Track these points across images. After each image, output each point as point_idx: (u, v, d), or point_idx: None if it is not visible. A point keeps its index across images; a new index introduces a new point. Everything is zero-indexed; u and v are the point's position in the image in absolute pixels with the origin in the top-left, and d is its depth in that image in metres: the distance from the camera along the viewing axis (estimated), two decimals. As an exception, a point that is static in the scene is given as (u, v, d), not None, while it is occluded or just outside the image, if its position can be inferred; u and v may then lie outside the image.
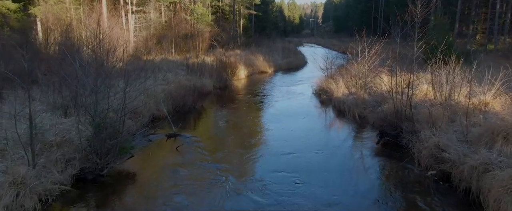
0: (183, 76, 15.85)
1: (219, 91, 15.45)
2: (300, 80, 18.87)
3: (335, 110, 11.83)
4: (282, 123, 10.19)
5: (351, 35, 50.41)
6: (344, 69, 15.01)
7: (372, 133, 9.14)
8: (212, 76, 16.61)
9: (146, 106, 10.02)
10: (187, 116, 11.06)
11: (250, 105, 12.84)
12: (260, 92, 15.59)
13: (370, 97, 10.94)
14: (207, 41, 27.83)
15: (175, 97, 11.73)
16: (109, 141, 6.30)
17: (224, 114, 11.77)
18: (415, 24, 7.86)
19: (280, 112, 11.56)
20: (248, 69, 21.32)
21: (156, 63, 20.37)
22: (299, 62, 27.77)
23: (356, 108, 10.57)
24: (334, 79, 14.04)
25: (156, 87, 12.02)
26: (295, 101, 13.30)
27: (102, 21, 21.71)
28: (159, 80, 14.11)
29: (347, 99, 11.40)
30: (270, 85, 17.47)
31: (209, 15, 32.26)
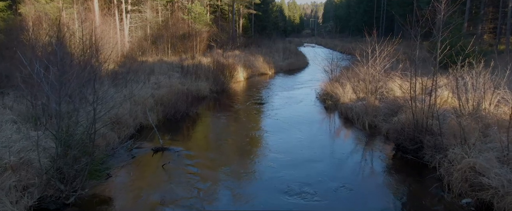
0: (177, 79, 14.81)
1: (215, 95, 14.38)
2: (302, 83, 17.80)
3: (342, 117, 10.77)
4: (284, 133, 9.12)
5: (353, 35, 49.25)
6: (350, 72, 13.95)
7: (386, 146, 8.08)
8: (209, 79, 15.56)
9: (131, 114, 8.96)
10: (179, 125, 10.00)
11: (249, 112, 11.78)
12: (260, 97, 14.53)
13: (382, 104, 9.88)
14: (205, 41, 26.78)
15: (166, 103, 10.68)
16: (78, 163, 5.24)
17: (220, 123, 10.70)
18: (438, 23, 6.79)
19: (282, 119, 10.50)
20: (247, 71, 20.27)
21: (151, 64, 19.38)
22: (300, 63, 26.70)
23: (366, 116, 9.50)
24: (340, 83, 12.98)
25: (145, 92, 10.95)
26: (298, 107, 12.22)
27: (93, 20, 20.73)
28: (150, 83, 13.05)
29: (356, 106, 10.34)
30: (271, 88, 16.40)
31: (208, 15, 31.21)
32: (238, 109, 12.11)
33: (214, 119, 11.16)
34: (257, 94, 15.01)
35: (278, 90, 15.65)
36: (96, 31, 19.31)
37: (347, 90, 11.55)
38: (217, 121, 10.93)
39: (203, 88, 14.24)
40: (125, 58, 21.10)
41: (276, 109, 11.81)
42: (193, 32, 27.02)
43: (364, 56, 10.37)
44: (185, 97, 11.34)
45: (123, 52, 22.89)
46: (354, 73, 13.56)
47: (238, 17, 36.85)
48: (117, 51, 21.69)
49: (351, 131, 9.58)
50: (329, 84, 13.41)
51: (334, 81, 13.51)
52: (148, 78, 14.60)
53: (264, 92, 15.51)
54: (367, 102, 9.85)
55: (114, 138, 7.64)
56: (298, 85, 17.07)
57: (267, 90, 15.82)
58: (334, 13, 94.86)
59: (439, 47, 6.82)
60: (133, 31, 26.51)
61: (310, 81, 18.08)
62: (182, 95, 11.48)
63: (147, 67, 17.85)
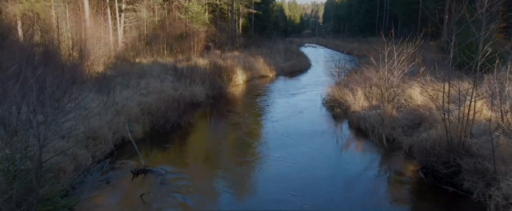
0: (170, 83, 13.57)
1: (212, 101, 13.13)
2: (306, 87, 16.55)
3: (353, 128, 9.51)
4: (288, 149, 7.87)
5: (355, 35, 47.94)
6: (359, 75, 12.71)
7: (410, 166, 6.84)
8: (205, 82, 14.31)
9: (111, 126, 7.71)
10: (168, 137, 8.75)
11: (248, 121, 10.54)
12: (260, 103, 13.28)
13: (400, 113, 8.63)
14: (203, 42, 25.55)
15: (154, 112, 9.43)
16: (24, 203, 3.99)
17: (215, 135, 9.44)
18: (483, 18, 5.55)
19: (285, 132, 9.25)
20: (247, 73, 19.02)
21: (144, 66, 18.17)
22: (302, 64, 25.44)
23: (383, 128, 8.25)
24: (349, 88, 11.74)
25: (132, 99, 9.71)
26: (303, 116, 10.96)
27: (83, 19, 19.52)
28: (139, 88, 11.81)
29: (369, 115, 9.10)
30: (272, 93, 15.14)
31: (206, 14, 29.97)
32: (236, 118, 10.86)
33: (209, 131, 9.91)
34: (257, 100, 13.77)
35: (280, 95, 14.40)
36: (86, 31, 18.15)
37: (358, 96, 10.31)
38: (211, 132, 9.68)
39: (198, 93, 12.99)
40: (117, 59, 19.88)
41: (278, 119, 10.55)
42: (190, 32, 25.80)
43: (379, 59, 9.11)
44: (177, 105, 10.10)
45: (116, 53, 21.69)
46: (364, 77, 12.34)
47: (238, 17, 35.62)
48: (110, 51, 20.49)
49: (365, 146, 8.34)
50: (336, 89, 12.16)
51: (342, 86, 12.27)
52: (139, 82, 13.39)
53: (265, 97, 14.26)
54: (383, 112, 8.61)
55: (87, 158, 6.40)
56: (302, 89, 15.82)
57: (268, 95, 14.57)
58: (335, 13, 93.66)
59: (481, 48, 5.56)
60: (127, 31, 25.29)
61: (314, 85, 16.84)
62: (173, 102, 10.24)
63: (140, 69, 16.67)
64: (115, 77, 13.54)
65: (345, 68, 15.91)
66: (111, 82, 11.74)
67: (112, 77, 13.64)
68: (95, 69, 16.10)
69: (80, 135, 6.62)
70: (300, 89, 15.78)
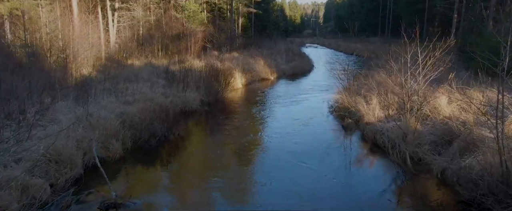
0: (161, 88, 12.31)
1: (207, 108, 11.84)
2: (310, 92, 15.25)
3: (368, 143, 8.22)
4: (293, 172, 6.59)
5: (356, 35, 46.68)
6: (370, 80, 11.44)
7: (444, 195, 5.56)
8: (200, 87, 13.04)
9: (81, 145, 6.42)
10: (152, 155, 7.46)
11: (246, 133, 9.25)
12: (261, 110, 12.00)
13: (425, 127, 7.34)
14: (200, 42, 24.29)
15: (138, 124, 8.14)
16: None
17: (208, 151, 8.13)
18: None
19: (288, 147, 7.98)
20: (246, 76, 17.74)
21: (136, 69, 16.91)
22: (305, 66, 24.14)
23: (406, 145, 6.96)
24: (360, 94, 10.47)
25: (113, 109, 8.43)
26: (308, 127, 9.65)
27: (71, 19, 18.26)
28: (126, 95, 10.54)
29: (387, 128, 7.81)
30: (273, 98, 13.83)
31: (204, 13, 28.71)
32: (233, 130, 9.56)
33: (200, 146, 8.60)
34: (257, 107, 12.48)
35: (282, 102, 13.09)
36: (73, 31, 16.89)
37: (373, 105, 9.02)
38: (203, 149, 8.37)
39: (191, 100, 11.71)
40: (108, 61, 18.63)
41: (281, 131, 9.25)
42: (187, 32, 24.55)
43: (403, 64, 7.80)
44: (165, 115, 8.81)
45: (108, 54, 20.45)
46: (375, 81, 11.06)
47: (237, 16, 34.36)
48: (100, 53, 19.23)
49: (385, 166, 7.05)
50: (345, 95, 10.87)
51: (352, 92, 10.98)
52: (127, 86, 12.13)
53: (266, 104, 12.96)
54: (405, 124, 7.32)
55: (44, 189, 5.11)
56: (306, 94, 14.51)
57: (269, 102, 13.26)
58: (336, 13, 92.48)
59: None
60: (122, 31, 24.03)
61: (319, 89, 15.56)
62: (161, 111, 8.94)
63: (130, 72, 15.41)
64: (101, 82, 12.29)
65: (353, 71, 14.62)
66: (93, 88, 10.49)
67: (98, 81, 12.40)
68: (81, 72, 14.87)
69: (37, 160, 5.34)
70: (304, 94, 14.48)
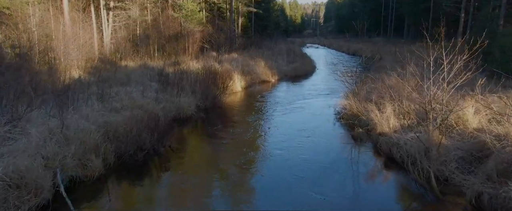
0: (153, 92, 11.38)
1: (203, 115, 10.91)
2: (313, 95, 14.31)
3: (382, 156, 7.29)
4: (296, 193, 5.67)
5: (358, 35, 46.04)
6: (380, 84, 10.52)
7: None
8: (196, 91, 12.13)
9: (50, 164, 5.49)
10: (137, 172, 6.53)
11: (246, 145, 8.32)
12: (261, 117, 11.08)
13: (451, 141, 6.40)
14: (198, 43, 23.36)
15: (123, 136, 7.21)
16: None
17: (201, 167, 7.20)
18: None
19: (292, 161, 7.06)
20: (246, 78, 16.81)
21: (130, 71, 16.00)
22: (307, 67, 23.21)
23: (429, 161, 6.03)
24: (370, 100, 9.54)
25: (95, 119, 7.50)
26: (315, 138, 8.68)
27: (62, 18, 17.38)
28: (114, 101, 9.61)
29: (405, 140, 6.88)
30: (275, 103, 12.88)
31: (203, 12, 27.80)
32: (231, 142, 8.62)
33: (193, 161, 7.65)
34: (257, 114, 11.55)
35: (284, 107, 12.14)
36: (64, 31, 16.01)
37: (387, 113, 8.08)
38: (196, 164, 7.42)
39: (186, 106, 10.79)
40: (102, 62, 17.73)
41: (285, 144, 8.30)
42: (185, 32, 23.64)
43: (425, 68, 6.85)
44: (155, 124, 7.87)
45: (102, 55, 19.57)
46: (385, 85, 10.14)
47: (237, 16, 33.43)
48: (93, 54, 18.34)
49: (405, 187, 6.12)
50: (354, 100, 9.94)
51: (361, 97, 10.05)
52: (118, 91, 11.22)
53: (267, 110, 12.01)
54: (428, 137, 6.38)
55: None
56: (309, 99, 13.57)
57: (271, 107, 12.30)
58: (336, 13, 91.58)
59: None
60: (117, 31, 23.13)
61: (324, 93, 14.63)
62: (151, 120, 8.01)
63: (123, 74, 14.51)
64: (89, 86, 11.40)
65: (360, 74, 13.70)
66: (79, 93, 9.58)
67: (87, 84, 11.50)
68: (70, 75, 13.97)
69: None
70: (307, 99, 13.54)
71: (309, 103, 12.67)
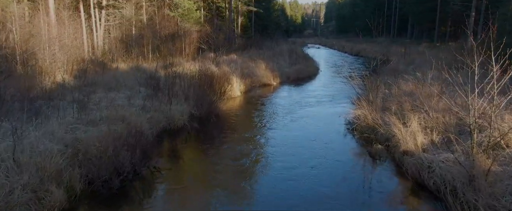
0: (142, 99, 10.13)
1: (197, 125, 9.64)
2: (319, 101, 13.04)
3: (410, 181, 6.02)
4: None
5: (358, 35, 44.58)
6: (397, 90, 9.27)
7: None
8: (190, 97, 10.89)
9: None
10: (110, 203, 5.28)
11: (246, 166, 7.06)
12: (262, 129, 9.80)
13: (503, 167, 5.15)
14: (195, 43, 22.11)
15: (96, 157, 5.95)
16: None
17: (192, 194, 5.94)
18: None
19: (297, 186, 5.81)
20: (245, 81, 15.56)
21: (121, 73, 14.75)
22: (310, 69, 21.93)
23: (475, 193, 4.77)
24: (389, 110, 8.29)
25: (61, 137, 6.23)
26: (325, 156, 7.37)
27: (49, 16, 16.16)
28: (93, 111, 8.36)
29: (439, 163, 5.63)
30: (277, 110, 11.61)
31: (201, 11, 26.56)
32: (228, 161, 7.36)
33: (183, 186, 6.39)
34: (258, 125, 10.28)
35: (288, 116, 10.86)
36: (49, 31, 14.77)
37: (412, 127, 6.82)
38: (186, 190, 6.15)
39: (178, 115, 9.53)
40: (92, 64, 16.48)
41: (288, 160, 7.06)
42: (181, 32, 22.39)
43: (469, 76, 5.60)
44: (136, 140, 6.61)
45: (92, 57, 18.35)
46: (399, 91, 8.90)
47: (237, 16, 32.18)
48: (82, 55, 17.10)
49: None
50: (368, 110, 8.68)
51: (377, 106, 8.78)
52: (102, 97, 9.98)
53: (268, 119, 10.71)
54: (473, 162, 5.13)
55: None
56: (315, 106, 12.29)
57: (273, 116, 11.01)
58: (337, 12, 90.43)
59: None
60: (111, 31, 21.89)
61: (330, 99, 13.37)
62: (132, 136, 6.74)
63: (113, 78, 13.27)
64: (71, 91, 10.16)
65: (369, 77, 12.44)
66: (56, 101, 8.35)
67: (69, 90, 10.29)
68: (53, 79, 12.75)
69: None
70: (313, 106, 12.26)
71: (316, 112, 11.39)
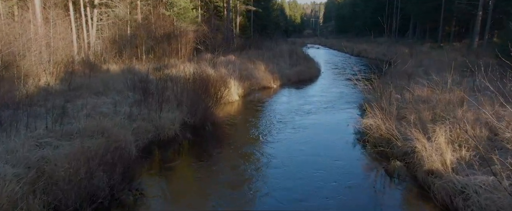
0: (128, 106, 9.16)
1: (190, 135, 8.65)
2: (324, 107, 12.06)
3: (439, 208, 5.07)
4: None
5: (361, 35, 43.53)
6: (410, 96, 8.31)
7: None
8: (182, 104, 9.93)
9: None
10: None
11: (245, 185, 6.10)
12: (263, 139, 8.80)
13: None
14: (191, 43, 21.13)
15: (64, 181, 4.96)
16: None
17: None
18: None
19: None
20: (244, 84, 14.60)
21: (109, 76, 13.78)
22: (312, 71, 20.95)
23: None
24: (404, 118, 7.33)
25: (22, 156, 5.25)
26: (335, 172, 6.44)
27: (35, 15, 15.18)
28: (72, 120, 7.38)
29: (476, 188, 4.68)
30: (278, 118, 10.60)
31: (198, 10, 25.60)
32: (224, 179, 6.39)
33: None
34: (257, 135, 9.25)
35: (291, 124, 9.86)
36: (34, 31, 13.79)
37: (438, 142, 5.86)
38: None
39: (168, 124, 8.55)
40: (82, 66, 15.52)
41: (298, 192, 6.09)
42: (177, 32, 21.41)
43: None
44: (113, 159, 5.63)
45: (86, 57, 17.40)
46: (413, 96, 7.95)
47: (235, 15, 31.22)
48: (71, 57, 16.12)
49: None
50: (382, 118, 7.72)
51: (392, 115, 7.82)
52: (85, 103, 9.02)
53: (269, 128, 9.66)
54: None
55: None
56: (319, 112, 11.30)
57: (274, 124, 9.99)
58: (337, 12, 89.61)
59: None
60: (105, 30, 20.91)
61: (334, 104, 12.40)
62: (110, 153, 5.76)
63: (101, 81, 12.32)
64: (53, 97, 9.23)
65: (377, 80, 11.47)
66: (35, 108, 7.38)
67: (52, 96, 9.35)
68: (36, 83, 11.80)
69: None
70: (317, 113, 11.28)
71: (320, 120, 10.39)
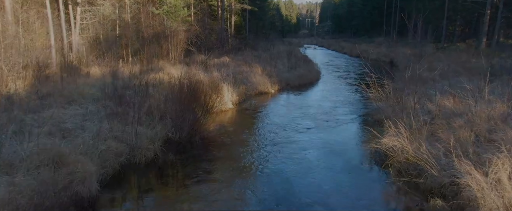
0: (98, 121, 7.63)
1: (173, 156, 7.11)
2: (330, 118, 10.53)
3: None
4: None
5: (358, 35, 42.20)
6: (436, 109, 6.84)
7: None
8: (166, 115, 8.42)
9: None
10: None
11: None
12: (261, 162, 7.28)
13: None
14: (182, 44, 19.58)
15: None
16: None
17: None
18: None
19: None
20: (239, 90, 13.08)
21: (90, 81, 12.24)
22: (312, 74, 19.45)
23: None
24: (439, 139, 5.87)
25: None
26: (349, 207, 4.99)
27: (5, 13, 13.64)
28: (19, 143, 5.86)
29: None
30: (278, 132, 9.04)
31: (191, 8, 24.05)
32: None
33: None
34: (254, 155, 7.72)
35: (293, 141, 8.35)
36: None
37: (496, 178, 4.39)
38: None
39: (147, 142, 7.04)
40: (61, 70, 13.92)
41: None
42: (167, 32, 19.85)
43: None
44: (59, 201, 4.10)
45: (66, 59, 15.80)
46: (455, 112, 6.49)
47: (230, 14, 29.71)
48: (50, 59, 14.57)
49: None
50: (408, 138, 6.24)
51: (419, 132, 6.35)
52: (49, 117, 7.50)
53: (268, 146, 8.10)
54: None
55: None
56: (327, 126, 9.73)
57: (273, 141, 8.43)
58: (333, 12, 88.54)
59: None
60: (90, 30, 19.33)
61: (340, 114, 10.92)
62: (52, 198, 4.23)
63: (78, 87, 10.79)
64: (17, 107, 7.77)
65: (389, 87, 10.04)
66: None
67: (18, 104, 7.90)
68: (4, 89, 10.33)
69: None
70: (322, 124, 9.77)
71: (327, 137, 8.80)
